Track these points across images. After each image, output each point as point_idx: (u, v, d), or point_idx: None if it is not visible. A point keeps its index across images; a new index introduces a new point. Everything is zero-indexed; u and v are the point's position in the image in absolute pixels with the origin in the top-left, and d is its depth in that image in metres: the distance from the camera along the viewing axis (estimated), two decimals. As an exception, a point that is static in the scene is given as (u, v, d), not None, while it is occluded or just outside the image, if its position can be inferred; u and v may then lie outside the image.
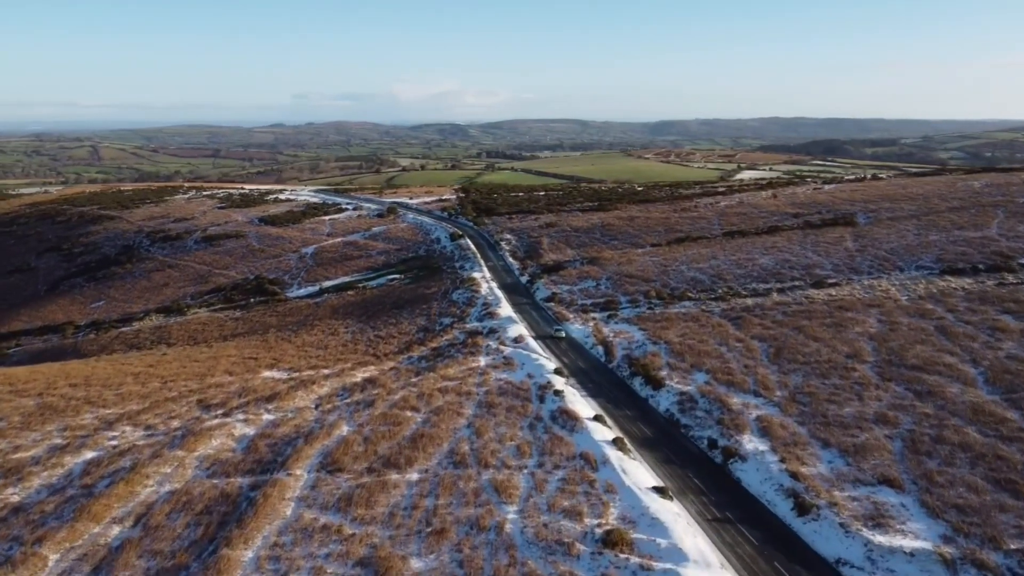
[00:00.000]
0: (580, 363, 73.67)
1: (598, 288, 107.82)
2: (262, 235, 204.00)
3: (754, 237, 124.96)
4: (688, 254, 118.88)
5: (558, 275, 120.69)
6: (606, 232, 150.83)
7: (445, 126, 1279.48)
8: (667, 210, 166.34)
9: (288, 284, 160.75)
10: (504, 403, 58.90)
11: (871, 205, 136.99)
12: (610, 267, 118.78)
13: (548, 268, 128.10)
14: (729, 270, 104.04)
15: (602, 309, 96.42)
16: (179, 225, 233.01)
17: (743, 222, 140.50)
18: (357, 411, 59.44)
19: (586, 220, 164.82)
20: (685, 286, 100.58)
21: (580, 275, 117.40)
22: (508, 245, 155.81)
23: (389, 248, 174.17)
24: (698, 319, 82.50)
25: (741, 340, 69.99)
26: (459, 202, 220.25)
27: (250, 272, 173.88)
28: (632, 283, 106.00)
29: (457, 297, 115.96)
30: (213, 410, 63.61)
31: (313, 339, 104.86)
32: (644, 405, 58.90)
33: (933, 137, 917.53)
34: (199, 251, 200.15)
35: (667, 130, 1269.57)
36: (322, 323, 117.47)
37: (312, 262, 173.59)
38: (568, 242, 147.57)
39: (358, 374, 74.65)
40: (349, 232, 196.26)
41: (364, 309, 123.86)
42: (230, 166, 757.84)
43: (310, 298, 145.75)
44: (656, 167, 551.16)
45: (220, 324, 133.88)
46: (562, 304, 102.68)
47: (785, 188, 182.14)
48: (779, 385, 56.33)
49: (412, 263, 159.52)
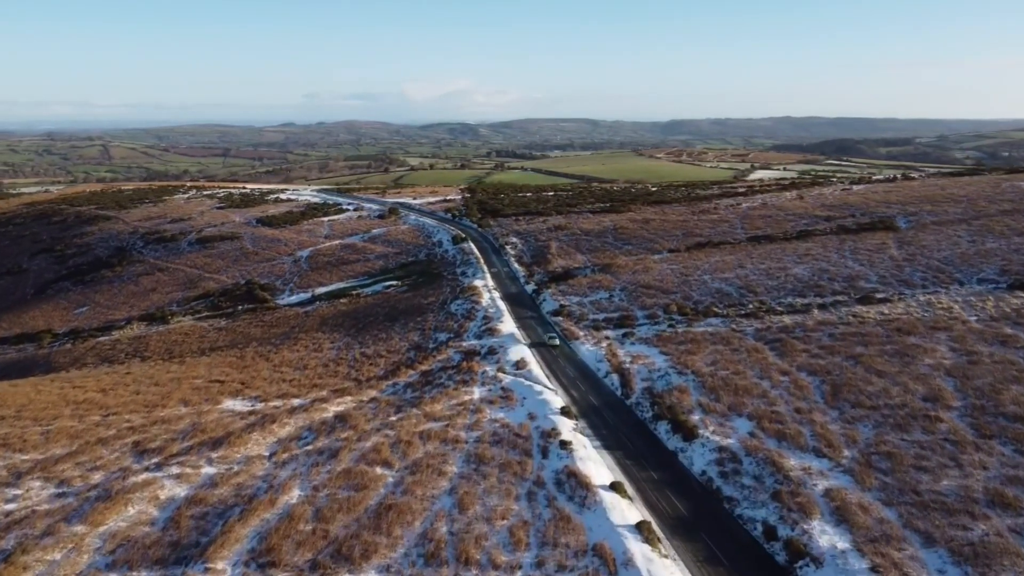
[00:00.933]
0: (591, 397, 61.49)
1: (611, 300, 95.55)
2: (257, 237, 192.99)
3: (783, 243, 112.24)
4: (711, 262, 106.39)
5: (567, 284, 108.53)
6: (619, 236, 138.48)
7: (455, 125, 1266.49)
8: (684, 212, 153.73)
9: (280, 290, 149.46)
10: (498, 457, 46.89)
11: (910, 208, 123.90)
12: (624, 276, 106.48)
13: (556, 276, 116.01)
14: (759, 281, 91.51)
15: (616, 326, 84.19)
16: (175, 226, 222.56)
17: (769, 225, 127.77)
18: (317, 465, 47.60)
19: (597, 223, 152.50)
20: (710, 299, 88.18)
21: (591, 285, 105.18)
22: (514, 249, 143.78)
23: (388, 252, 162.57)
24: (729, 341, 70.18)
25: (786, 372, 57.59)
26: (464, 203, 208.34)
27: (242, 276, 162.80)
28: (649, 295, 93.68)
29: (456, 309, 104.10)
30: (148, 458, 51.99)
31: (294, 356, 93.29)
32: (673, 462, 46.49)
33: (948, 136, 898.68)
34: (192, 253, 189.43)
35: (678, 129, 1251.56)
36: (308, 336, 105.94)
37: (307, 266, 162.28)
38: (578, 247, 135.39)
39: (331, 407, 62.88)
40: (347, 234, 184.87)
41: (355, 320, 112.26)
42: (239, 165, 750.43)
43: (301, 306, 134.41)
44: (668, 167, 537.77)
45: (201, 335, 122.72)
46: (571, 319, 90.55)
47: (810, 188, 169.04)
48: (845, 440, 43.98)
49: (411, 268, 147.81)
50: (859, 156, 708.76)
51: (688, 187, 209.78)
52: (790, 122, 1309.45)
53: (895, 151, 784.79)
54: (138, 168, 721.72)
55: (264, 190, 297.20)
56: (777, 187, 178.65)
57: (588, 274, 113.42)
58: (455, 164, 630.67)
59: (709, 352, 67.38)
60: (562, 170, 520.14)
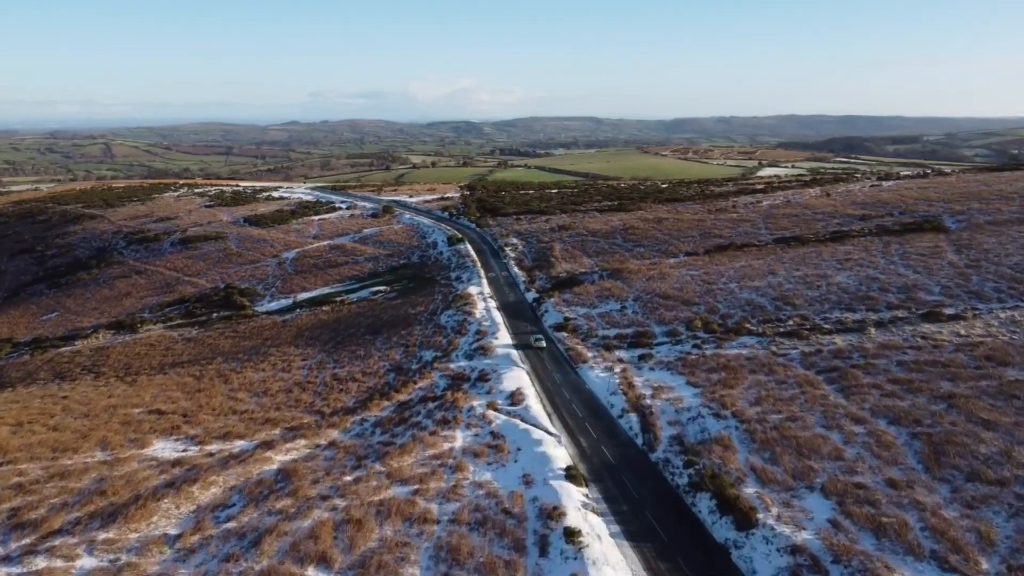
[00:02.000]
0: (605, 447, 47.82)
1: (624, 313, 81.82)
2: (243, 237, 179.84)
3: (817, 245, 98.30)
4: (736, 267, 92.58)
5: (572, 292, 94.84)
6: (629, 237, 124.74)
7: (459, 124, 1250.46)
8: (700, 211, 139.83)
9: (260, 296, 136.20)
10: (478, 551, 33.34)
11: (955, 205, 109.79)
12: (637, 283, 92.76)
13: (560, 282, 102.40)
14: (797, 291, 77.68)
15: (631, 345, 70.53)
16: (160, 225, 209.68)
17: (797, 225, 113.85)
18: (230, 559, 34.15)
19: (605, 222, 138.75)
20: (741, 313, 74.43)
21: (600, 293, 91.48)
22: (514, 252, 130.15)
23: (379, 253, 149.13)
24: (772, 369, 56.49)
25: (858, 419, 43.91)
26: (462, 201, 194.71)
27: (222, 280, 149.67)
28: (668, 307, 79.96)
29: (446, 321, 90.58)
30: (16, 537, 38.69)
31: (257, 377, 79.90)
32: (727, 569, 32.76)
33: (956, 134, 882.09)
34: (173, 254, 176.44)
35: (683, 128, 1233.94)
36: (279, 351, 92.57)
37: (291, 269, 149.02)
38: (584, 249, 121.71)
39: (277, 456, 49.46)
40: (337, 234, 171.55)
41: (334, 333, 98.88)
42: (242, 163, 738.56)
43: (280, 314, 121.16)
44: (674, 164, 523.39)
45: (167, 347, 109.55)
46: (577, 335, 76.92)
47: (834, 185, 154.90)
48: (976, 541, 30.28)
49: (402, 272, 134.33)
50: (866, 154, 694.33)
51: (701, 184, 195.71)
52: (795, 120, 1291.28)
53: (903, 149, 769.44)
54: (140, 166, 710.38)
55: (257, 188, 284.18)
56: (798, 183, 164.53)
57: (596, 280, 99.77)
58: (458, 162, 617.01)
59: (749, 384, 53.72)
60: (566, 168, 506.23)
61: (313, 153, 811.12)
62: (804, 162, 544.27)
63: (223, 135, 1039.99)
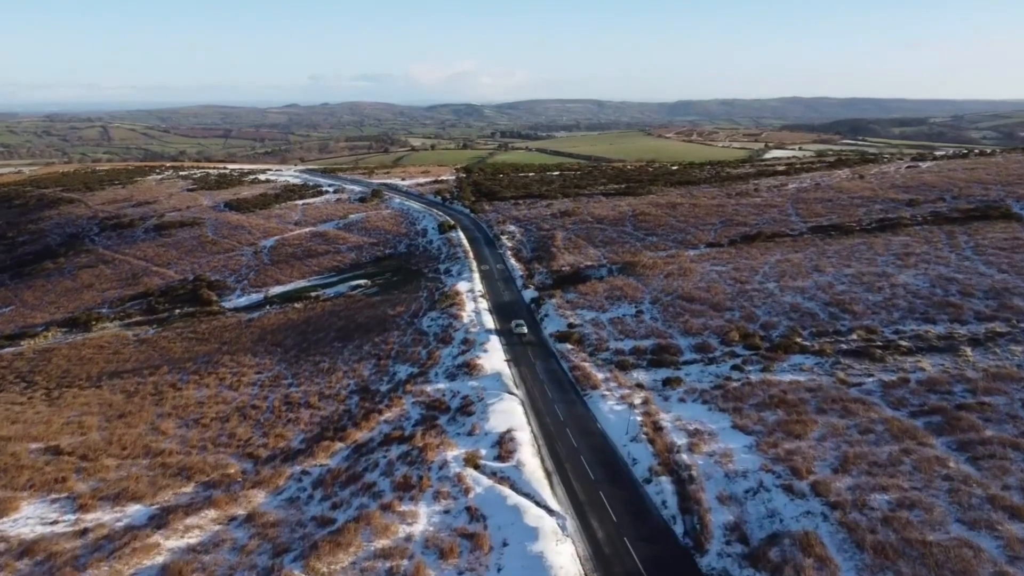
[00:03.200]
0: (629, 538, 32.98)
1: (640, 319, 66.83)
2: (220, 223, 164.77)
3: (866, 236, 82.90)
4: (771, 262, 77.41)
5: (577, 291, 79.76)
6: (640, 224, 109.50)
7: (460, 106, 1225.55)
8: (717, 194, 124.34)
9: (230, 289, 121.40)
10: None
11: (1019, 189, 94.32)
12: (654, 280, 77.68)
13: (563, 278, 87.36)
14: (853, 294, 62.58)
15: (652, 363, 55.64)
16: (137, 210, 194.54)
17: (833, 212, 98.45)
18: None
19: (612, 208, 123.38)
20: (786, 321, 59.41)
21: (610, 292, 76.42)
22: (511, 240, 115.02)
23: (363, 242, 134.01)
24: (847, 408, 41.65)
25: (1012, 509, 29.09)
26: (457, 184, 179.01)
27: (192, 271, 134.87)
28: (694, 312, 64.98)
29: (429, 325, 75.74)
30: None
31: (198, 397, 65.28)
32: None
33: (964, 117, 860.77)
34: (146, 242, 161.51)
35: (685, 110, 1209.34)
36: (234, 360, 77.90)
37: (267, 259, 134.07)
38: (590, 238, 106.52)
39: (169, 541, 34.81)
40: (321, 220, 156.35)
41: (300, 337, 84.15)
42: (240, 146, 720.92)
43: (247, 311, 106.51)
44: (678, 147, 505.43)
45: (116, 350, 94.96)
46: (584, 347, 62.05)
47: (864, 166, 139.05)
48: None
49: (387, 264, 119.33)
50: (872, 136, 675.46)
51: (715, 166, 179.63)
52: (799, 103, 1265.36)
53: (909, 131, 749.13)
54: (137, 149, 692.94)
55: (245, 170, 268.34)
56: (823, 164, 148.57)
57: (605, 275, 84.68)
58: (458, 145, 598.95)
59: (822, 432, 38.88)
60: (568, 150, 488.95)
61: (312, 136, 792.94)
62: (811, 144, 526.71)
63: (223, 118, 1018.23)
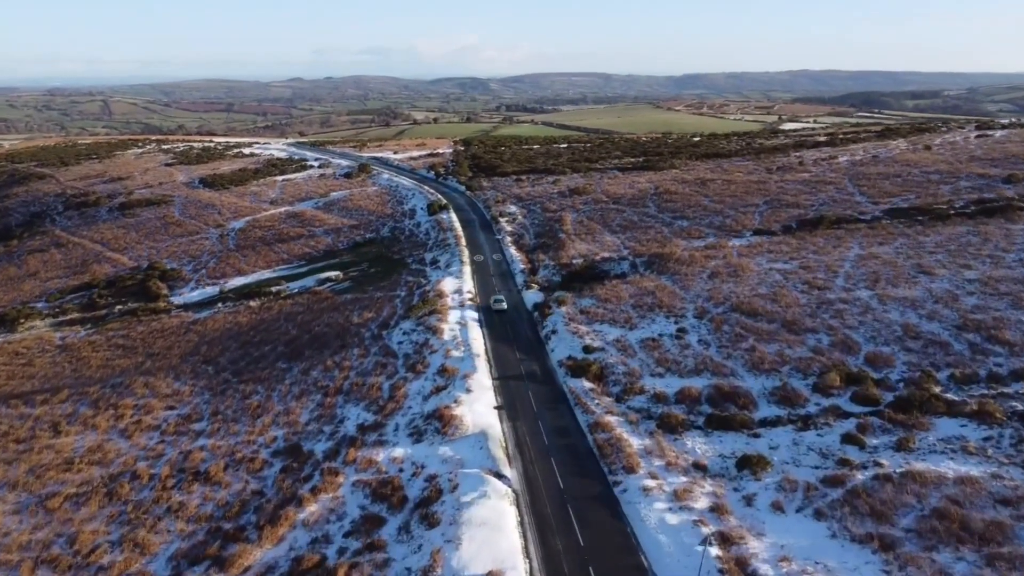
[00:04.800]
0: None
1: (683, 341, 47.58)
2: (190, 201, 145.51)
3: (968, 222, 63.05)
4: (850, 258, 57.79)
5: (594, 294, 60.41)
6: (666, 205, 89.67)
7: (465, 80, 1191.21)
8: (754, 169, 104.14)
9: (184, 281, 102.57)
10: None
11: None
12: (695, 281, 58.28)
13: (574, 274, 68.01)
14: (993, 311, 43.16)
15: (712, 423, 36.55)
16: (108, 187, 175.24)
17: (907, 190, 78.39)
18: None
19: (630, 184, 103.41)
20: (903, 355, 40.12)
21: (638, 299, 57.08)
22: (511, 224, 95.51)
23: (342, 224, 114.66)
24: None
25: None
26: (454, 157, 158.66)
27: (149, 257, 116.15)
28: (760, 332, 45.73)
29: (399, 342, 56.76)
30: None
31: (81, 446, 46.88)
32: None
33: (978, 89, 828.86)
34: (107, 222, 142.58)
35: (693, 83, 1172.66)
36: (150, 385, 59.38)
37: (233, 243, 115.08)
38: (606, 221, 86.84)
39: None
40: (299, 199, 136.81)
41: (242, 350, 65.43)
42: (241, 120, 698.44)
43: (196, 308, 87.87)
44: (688, 119, 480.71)
45: (29, 360, 76.69)
46: (607, 385, 43.04)
47: (920, 136, 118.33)
48: None
49: (365, 251, 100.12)
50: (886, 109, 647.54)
51: (742, 137, 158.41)
52: (808, 75, 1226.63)
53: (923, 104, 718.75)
54: (137, 123, 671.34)
55: (231, 143, 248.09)
56: (871, 135, 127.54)
57: (628, 273, 65.34)
58: (462, 118, 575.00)
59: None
60: (575, 124, 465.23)
61: (314, 110, 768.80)
62: (825, 117, 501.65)
63: (226, 92, 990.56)
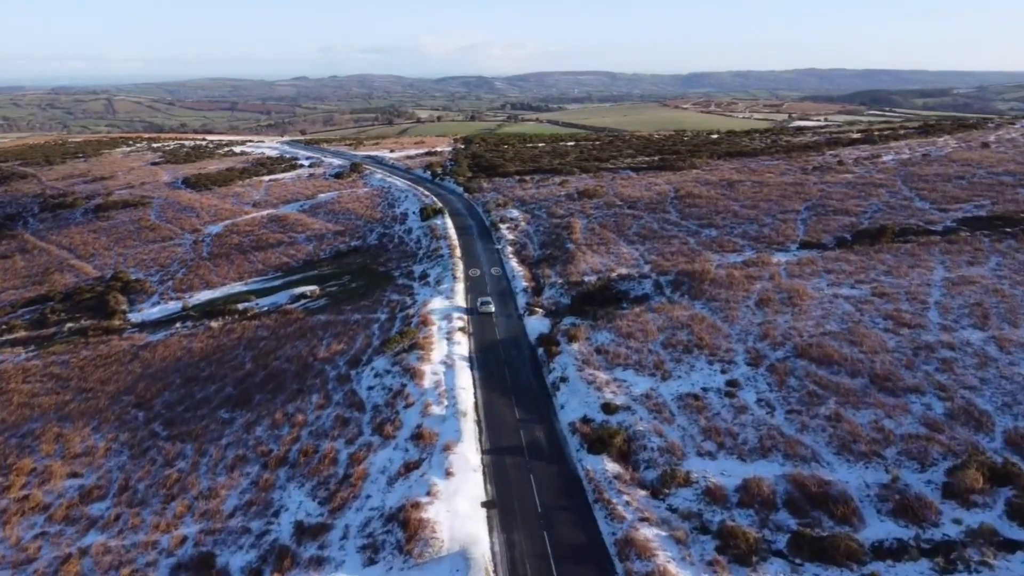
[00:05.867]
0: None
1: (737, 400, 35.36)
2: (169, 203, 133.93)
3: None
4: (935, 282, 45.45)
5: (612, 325, 48.17)
6: (689, 210, 77.35)
7: (470, 79, 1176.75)
8: (787, 169, 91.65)
9: (147, 294, 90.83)
10: None
11: None
12: (738, 310, 46.01)
13: (587, 295, 55.81)
14: None
15: (799, 548, 24.53)
16: (88, 187, 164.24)
17: (977, 193, 65.90)
18: None
19: (646, 186, 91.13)
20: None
21: (669, 334, 44.81)
22: (513, 231, 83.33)
23: (326, 229, 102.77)
24: None
25: None
26: (452, 156, 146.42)
27: (116, 265, 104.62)
28: (841, 389, 33.50)
29: (369, 387, 44.77)
30: None
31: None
32: None
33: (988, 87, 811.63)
34: (80, 225, 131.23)
35: (699, 82, 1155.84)
36: (64, 437, 47.67)
37: (207, 251, 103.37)
38: (621, 228, 74.59)
39: None
40: (284, 201, 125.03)
41: (185, 388, 53.56)
42: (244, 119, 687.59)
43: (153, 328, 76.12)
44: (696, 118, 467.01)
45: (-51, 392, 64.78)
46: (637, 470, 30.80)
47: (967, 132, 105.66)
48: None
49: (348, 262, 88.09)
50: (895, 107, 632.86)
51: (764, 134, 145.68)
52: (815, 74, 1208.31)
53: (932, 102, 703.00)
54: (140, 122, 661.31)
55: (224, 142, 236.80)
56: (912, 131, 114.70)
57: (651, 294, 53.15)
58: (466, 117, 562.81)
59: None
60: (581, 122, 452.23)
61: (318, 108, 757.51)
62: (836, 115, 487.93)
63: (231, 90, 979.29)
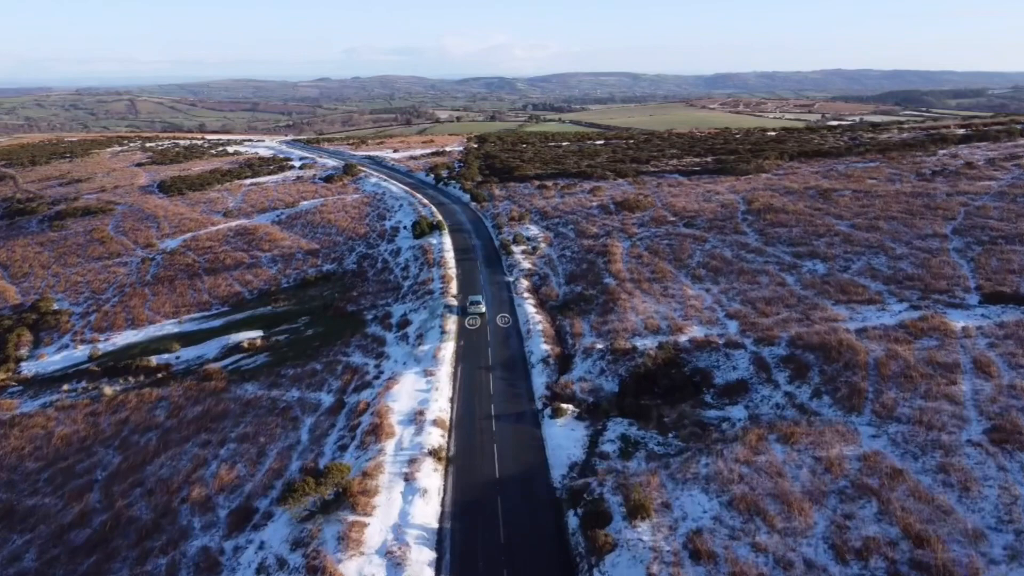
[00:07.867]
0: None
1: None
2: (133, 211, 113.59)
3: None
4: None
5: (705, 461, 25.66)
6: (771, 230, 54.11)
7: (492, 79, 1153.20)
8: (892, 173, 68.03)
9: (61, 332, 69.80)
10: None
11: None
12: (959, 454, 23.35)
13: (641, 375, 33.09)
14: None
15: None
16: (61, 190, 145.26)
17: None
18: None
19: (704, 195, 67.97)
20: None
21: (832, 504, 22.36)
22: (529, 256, 60.74)
23: (298, 247, 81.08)
24: None
25: None
26: (462, 157, 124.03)
27: (44, 289, 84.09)
28: None
29: None
30: None
31: None
32: None
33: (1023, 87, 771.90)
34: (29, 236, 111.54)
35: (724, 83, 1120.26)
36: None
37: (152, 272, 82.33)
38: (679, 256, 51.57)
39: None
40: (261, 210, 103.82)
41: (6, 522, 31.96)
42: (265, 120, 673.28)
43: (38, 387, 54.93)
44: (725, 118, 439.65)
45: None
46: None
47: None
48: None
49: (312, 295, 66.06)
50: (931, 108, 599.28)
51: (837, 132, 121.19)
52: (841, 75, 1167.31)
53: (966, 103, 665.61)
54: (161, 122, 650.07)
55: (223, 141, 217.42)
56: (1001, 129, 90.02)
57: (754, 384, 30.39)
58: (487, 117, 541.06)
59: None
60: (605, 122, 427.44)
61: (338, 108, 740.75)
62: (870, 115, 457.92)
63: (254, 91, 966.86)
